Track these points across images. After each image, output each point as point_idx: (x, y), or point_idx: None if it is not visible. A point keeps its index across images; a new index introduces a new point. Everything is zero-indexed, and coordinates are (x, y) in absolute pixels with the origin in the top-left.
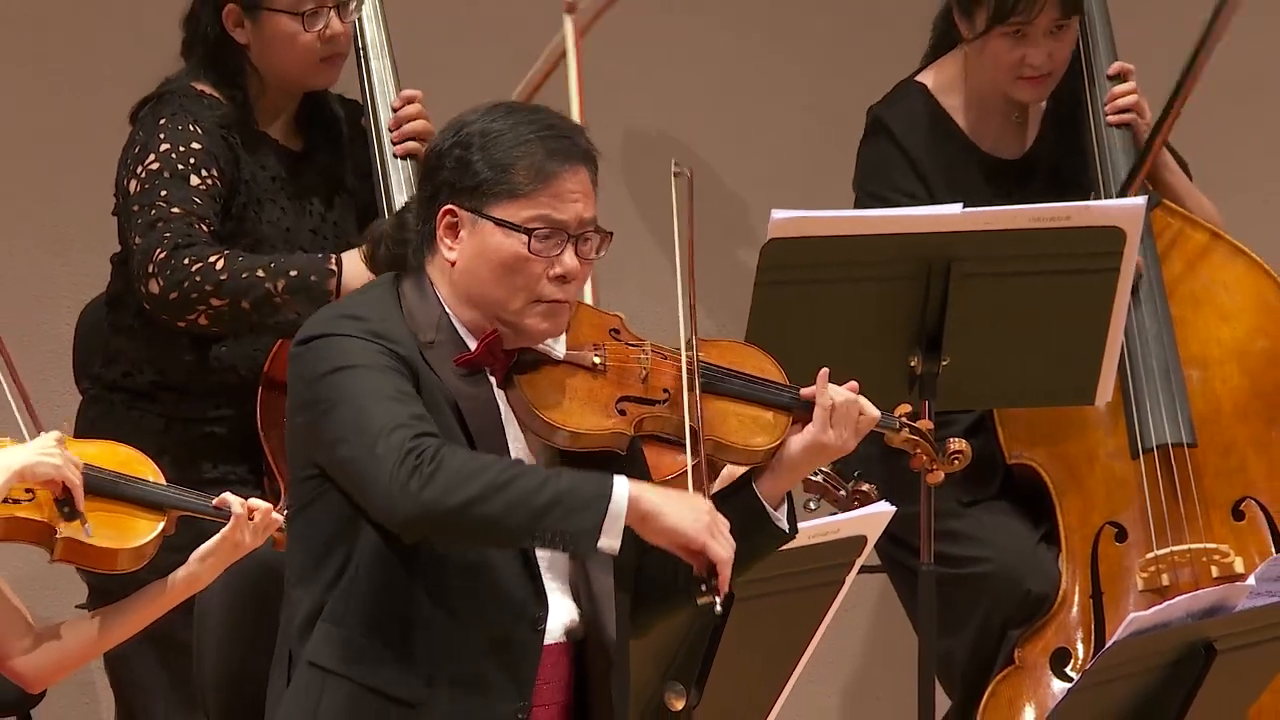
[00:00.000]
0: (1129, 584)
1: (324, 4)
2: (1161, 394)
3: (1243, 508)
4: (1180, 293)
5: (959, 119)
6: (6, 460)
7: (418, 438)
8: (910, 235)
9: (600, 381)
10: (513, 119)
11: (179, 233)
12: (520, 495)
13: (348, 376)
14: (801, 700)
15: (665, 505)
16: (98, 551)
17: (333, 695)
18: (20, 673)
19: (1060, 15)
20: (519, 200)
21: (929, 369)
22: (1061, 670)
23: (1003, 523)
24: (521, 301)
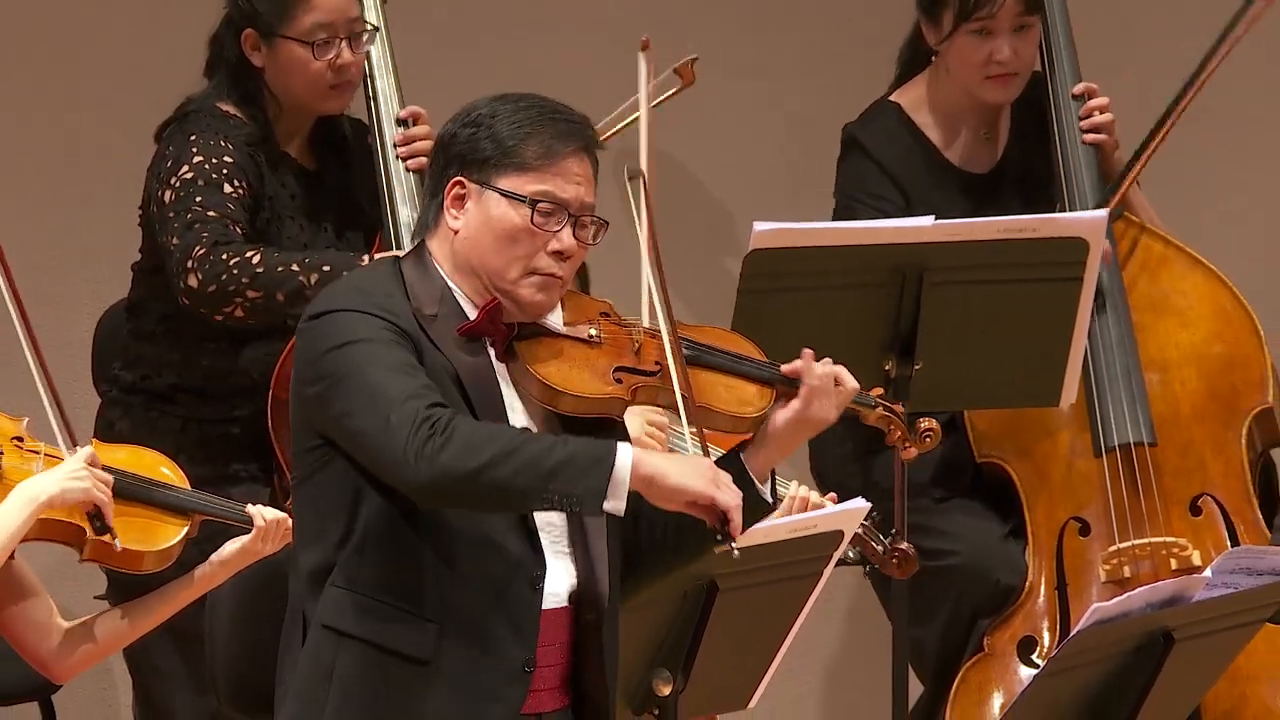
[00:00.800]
0: (1092, 576)
1: (335, 35)
2: (1123, 396)
3: (1200, 504)
4: (1140, 300)
5: (931, 135)
6: (35, 490)
7: (430, 407)
8: (884, 246)
9: (597, 352)
10: (524, 102)
11: (216, 232)
12: (529, 459)
13: (356, 350)
14: (783, 685)
15: (668, 466)
16: (125, 554)
17: (347, 656)
18: (49, 666)
19: (1023, 11)
20: (526, 174)
21: (903, 373)
22: (1028, 657)
23: (973, 518)
24: (518, 271)
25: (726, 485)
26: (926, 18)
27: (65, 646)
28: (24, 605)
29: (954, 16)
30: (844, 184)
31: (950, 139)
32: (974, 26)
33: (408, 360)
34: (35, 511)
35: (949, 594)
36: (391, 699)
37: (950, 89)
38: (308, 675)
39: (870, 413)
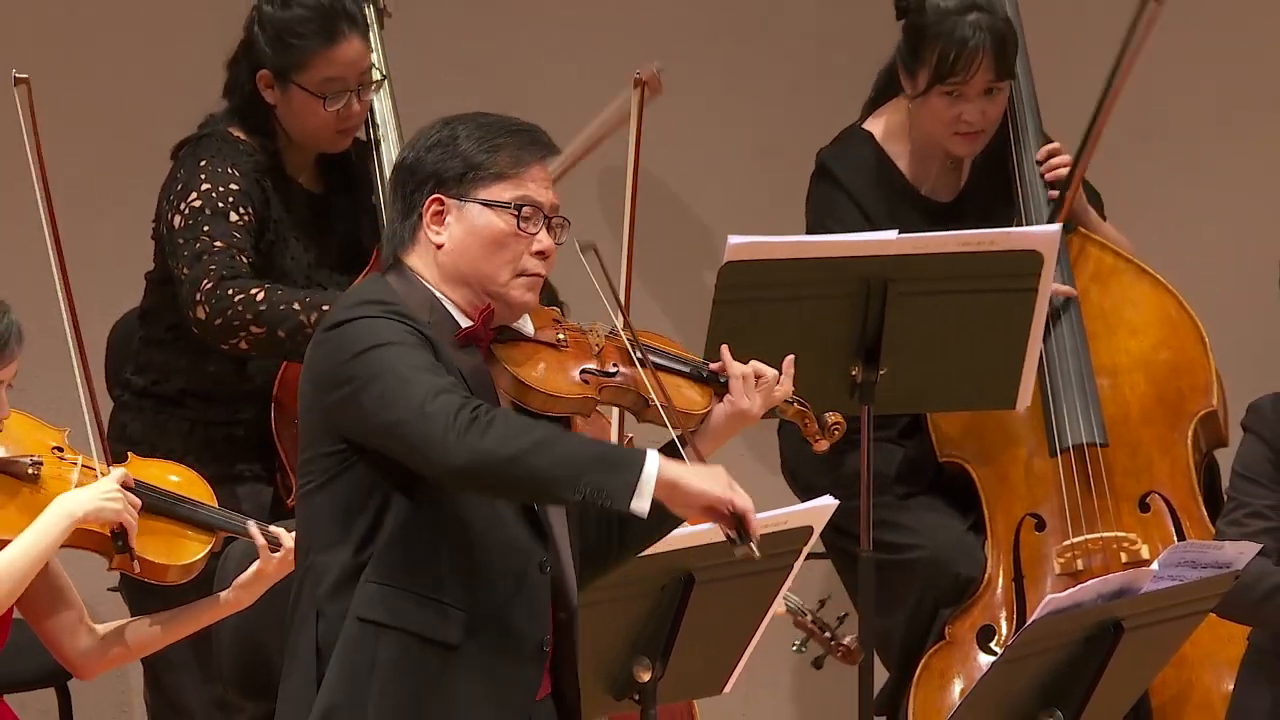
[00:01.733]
0: (1047, 568)
1: (346, 88)
2: (1076, 399)
3: (1148, 501)
4: (1092, 309)
5: (900, 164)
6: (70, 506)
7: (466, 397)
8: (851, 259)
9: (564, 355)
10: (480, 120)
11: (223, 265)
12: (567, 452)
13: (384, 352)
14: (756, 671)
15: (689, 474)
16: (151, 566)
17: (386, 645)
18: (77, 665)
19: (994, 78)
20: (504, 182)
21: (868, 378)
22: (987, 645)
23: (935, 514)
24: (508, 274)
25: (740, 491)
26: (905, 71)
27: (96, 649)
28: (58, 608)
29: (929, 78)
30: (815, 210)
31: (917, 168)
32: (947, 89)
33: (432, 360)
34: (70, 526)
35: (912, 586)
36: (428, 683)
37: (920, 128)
38: (348, 665)
39: (788, 408)
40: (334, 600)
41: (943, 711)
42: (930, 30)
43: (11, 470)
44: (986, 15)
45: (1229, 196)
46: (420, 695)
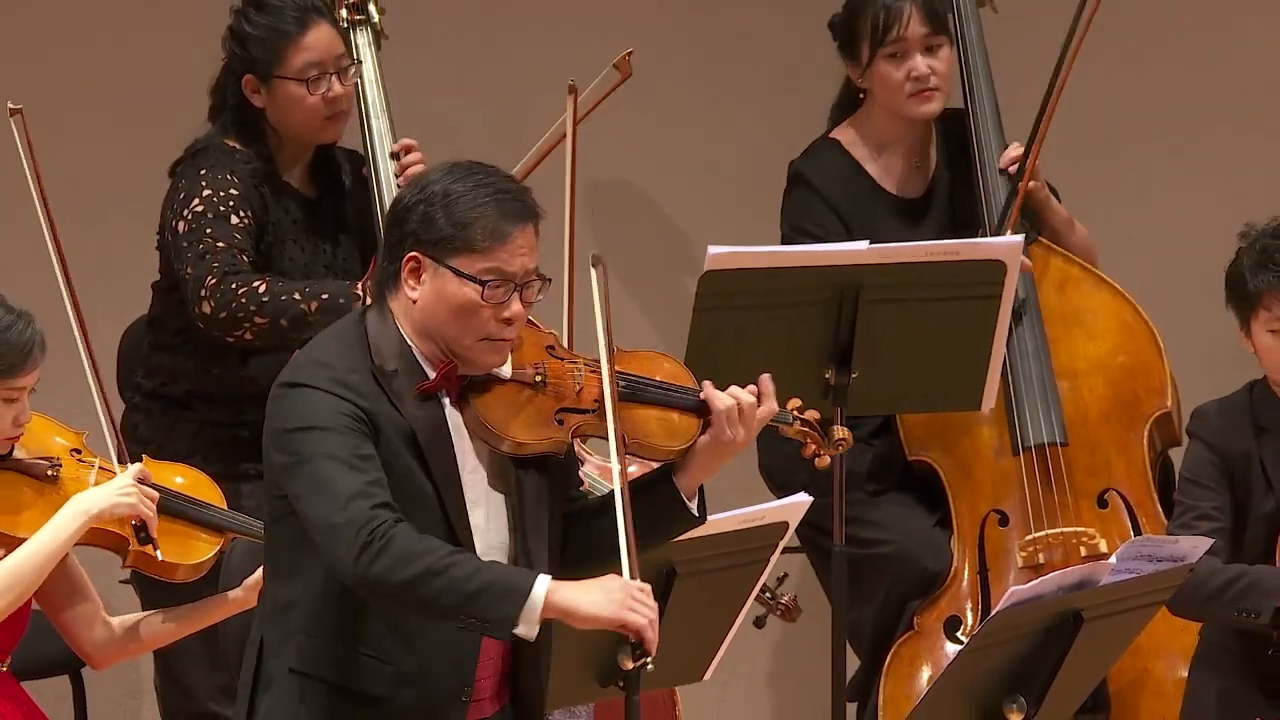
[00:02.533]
0: (1010, 562)
1: (325, 71)
2: (1038, 401)
3: (1106, 497)
4: (1053, 315)
5: (868, 167)
6: (86, 504)
7: (375, 508)
8: (825, 268)
9: (542, 396)
10: (471, 181)
11: (226, 262)
12: (452, 582)
13: (315, 437)
14: (734, 659)
15: (580, 597)
16: (162, 564)
17: (312, 697)
18: (91, 655)
19: (929, 32)
20: (475, 254)
21: (841, 381)
22: (953, 635)
23: (903, 510)
24: (472, 339)
25: (639, 603)
26: (847, 56)
27: (111, 641)
28: (75, 601)
29: (869, 46)
30: (790, 214)
31: (884, 169)
32: (888, 51)
33: (360, 450)
34: (86, 523)
35: (882, 579)
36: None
37: (881, 122)
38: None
39: (788, 428)
40: (273, 626)
41: (911, 698)
42: (857, 5)
43: (32, 472)
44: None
45: (1182, 209)
46: None
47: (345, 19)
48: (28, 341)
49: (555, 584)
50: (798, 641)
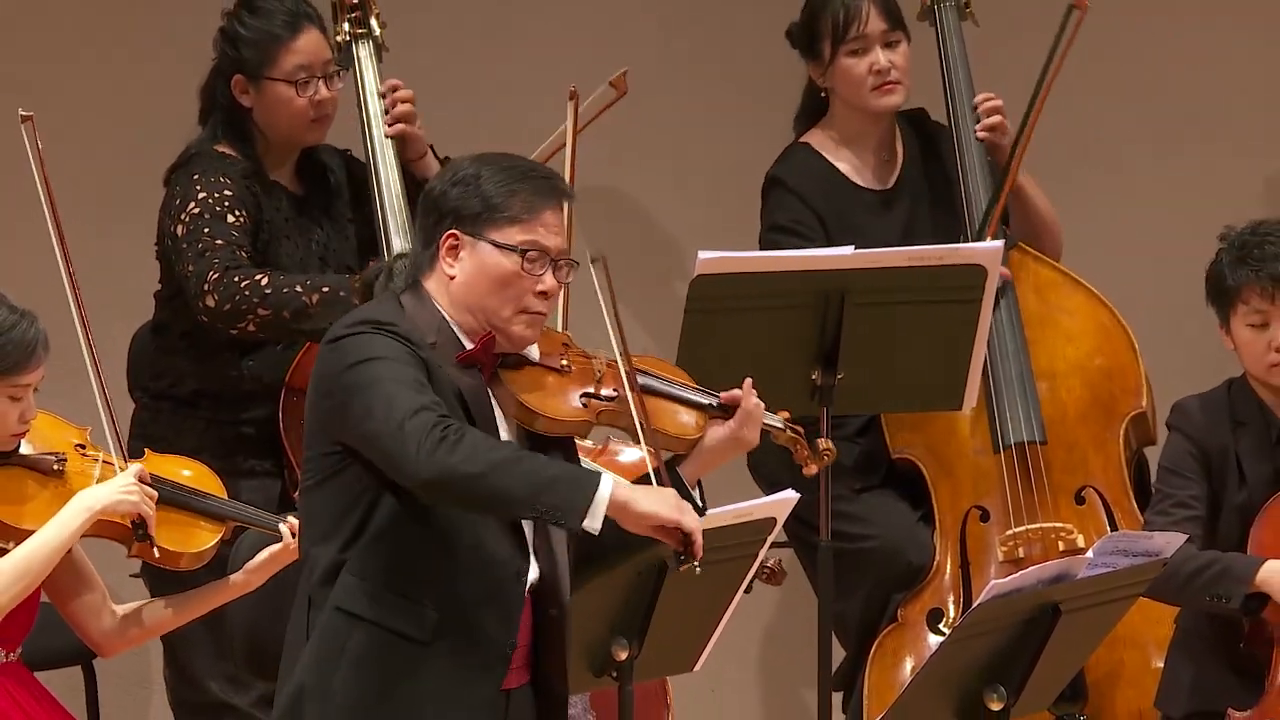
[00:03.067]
0: (991, 556)
1: (313, 75)
2: (1018, 401)
3: (1084, 494)
4: (1032, 318)
5: (839, 164)
6: (89, 500)
7: (441, 417)
8: (811, 272)
9: (567, 380)
10: (504, 162)
11: (226, 258)
12: (527, 472)
13: (375, 365)
14: (724, 650)
15: (641, 494)
16: (166, 553)
17: (358, 635)
18: (99, 643)
19: (888, 28)
20: (515, 226)
21: (827, 381)
22: (936, 627)
23: (888, 506)
24: (511, 310)
25: (689, 512)
26: (809, 57)
27: (116, 629)
28: (81, 591)
29: (831, 43)
30: (767, 215)
31: (854, 164)
32: (850, 47)
33: (419, 378)
34: (90, 519)
35: (868, 572)
36: (394, 675)
37: (847, 120)
38: (321, 650)
39: (781, 434)
40: (323, 589)
41: (895, 688)
42: (816, 7)
43: (38, 466)
44: None
45: (1158, 216)
46: (386, 685)
47: (348, 32)
48: (32, 340)
49: (620, 481)
50: (785, 633)
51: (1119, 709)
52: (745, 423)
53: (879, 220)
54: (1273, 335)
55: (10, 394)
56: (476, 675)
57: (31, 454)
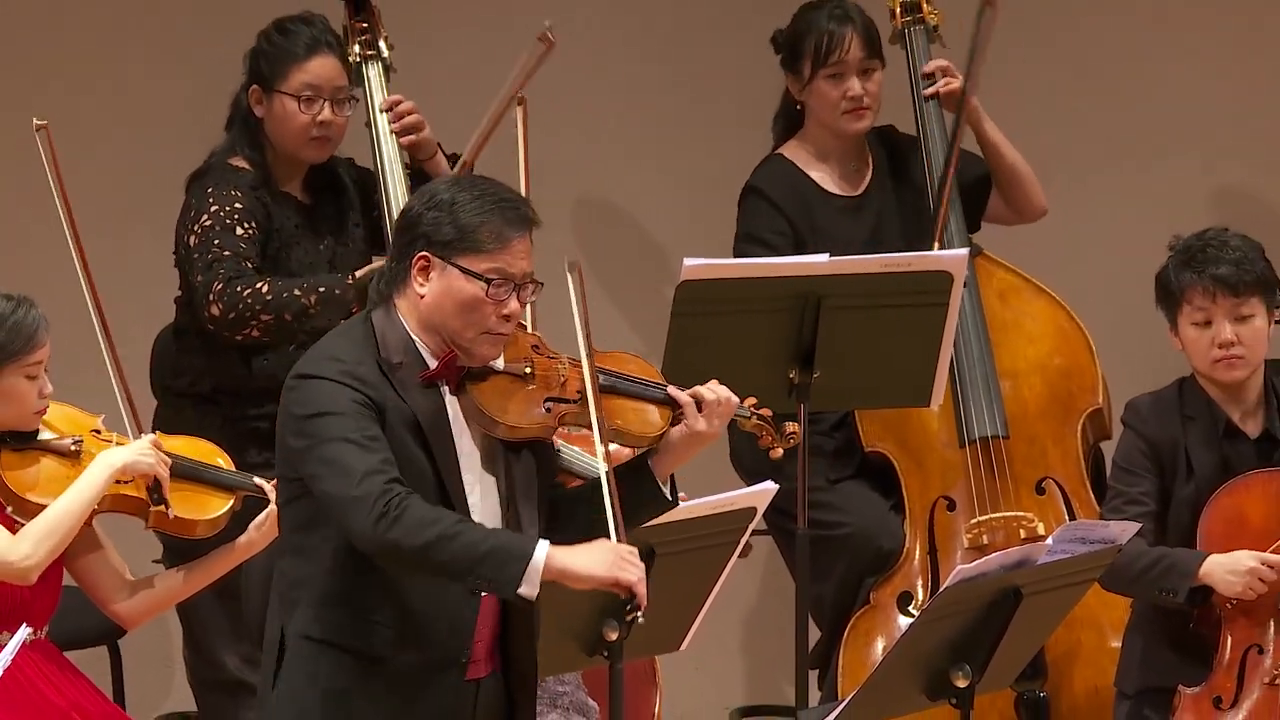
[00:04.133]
0: (957, 543)
1: (320, 95)
2: (982, 398)
3: (1044, 485)
4: (995, 321)
5: (812, 174)
6: (111, 459)
7: (388, 483)
8: (790, 278)
9: (531, 386)
10: (476, 190)
11: (231, 269)
12: (463, 547)
13: (329, 421)
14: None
15: (576, 559)
16: (181, 523)
17: (325, 659)
18: (120, 616)
19: (866, 56)
20: (483, 255)
21: (804, 380)
22: (905, 609)
23: (861, 496)
24: (474, 332)
25: (629, 563)
26: (790, 72)
27: (133, 599)
28: (100, 563)
29: (811, 65)
30: (742, 223)
31: (825, 174)
32: (829, 72)
33: (369, 432)
34: (111, 476)
35: (842, 557)
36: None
37: (819, 134)
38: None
39: (746, 422)
40: (286, 600)
41: (867, 666)
42: (803, 27)
43: (57, 449)
44: (842, 6)
45: (1112, 226)
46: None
47: (359, 54)
48: (33, 322)
49: (554, 548)
50: (766, 614)
51: (1077, 686)
52: (711, 415)
53: (849, 224)
54: (1215, 333)
55: (26, 373)
56: (436, 680)
57: (51, 439)
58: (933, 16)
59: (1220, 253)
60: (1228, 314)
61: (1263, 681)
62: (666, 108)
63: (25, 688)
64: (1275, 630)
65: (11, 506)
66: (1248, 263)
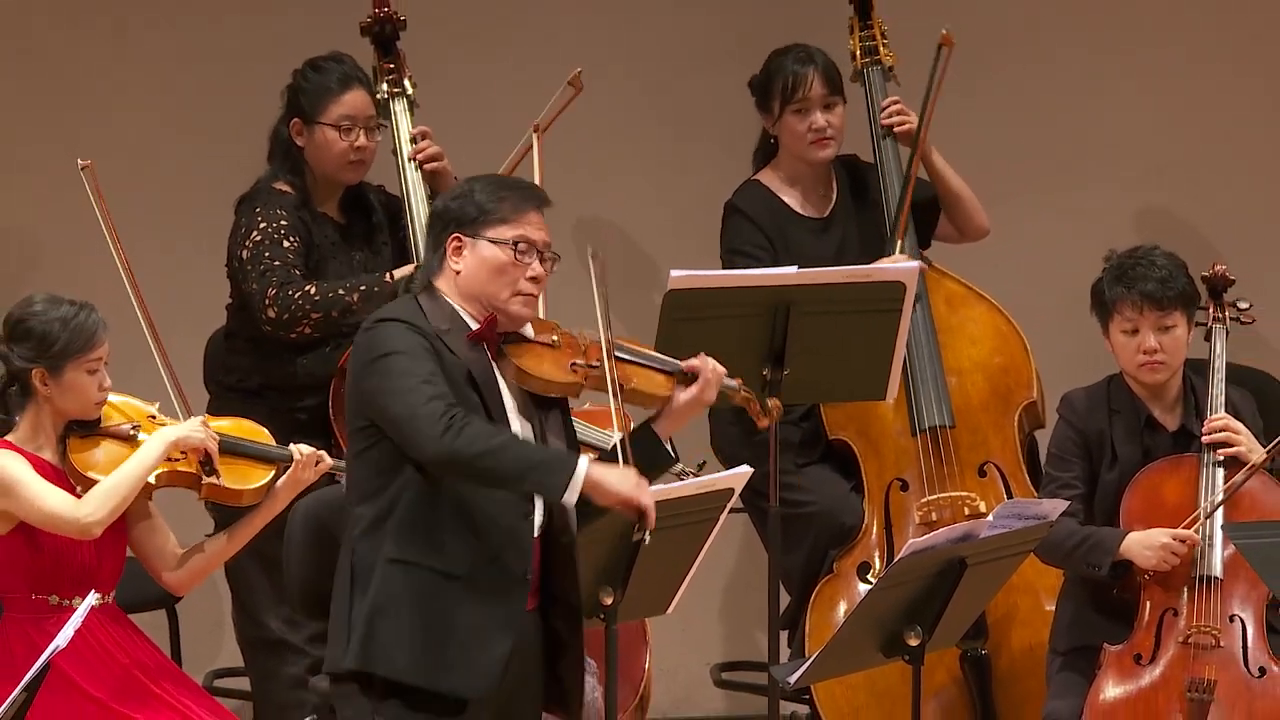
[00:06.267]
0: (909, 519)
1: (355, 125)
2: (931, 392)
3: (985, 469)
4: (943, 325)
5: (785, 198)
6: (167, 434)
7: (450, 406)
8: (763, 287)
9: (558, 352)
10: (490, 179)
11: (282, 276)
12: (517, 456)
13: (396, 360)
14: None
15: (609, 475)
16: (228, 492)
17: (407, 576)
18: (171, 584)
19: (828, 93)
20: (505, 225)
21: (776, 376)
22: (864, 577)
23: (825, 478)
24: (508, 293)
25: (646, 490)
26: (762, 110)
27: (181, 569)
28: (155, 535)
29: (780, 102)
30: (727, 239)
31: (797, 198)
32: (794, 108)
33: (432, 369)
34: (167, 448)
35: (808, 532)
36: (440, 601)
37: (791, 163)
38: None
39: (735, 395)
40: (364, 541)
41: (831, 627)
42: (772, 71)
43: (117, 434)
44: (805, 50)
45: (1049, 241)
46: (435, 611)
47: (386, 91)
48: (93, 325)
49: (593, 463)
50: (742, 582)
51: (1014, 644)
52: (706, 385)
53: (817, 242)
54: (1141, 341)
55: (88, 368)
56: (503, 599)
57: (112, 425)
58: (889, 58)
59: (1148, 270)
60: (1152, 326)
61: (1177, 640)
62: (656, 138)
63: (94, 646)
64: (1188, 596)
65: (81, 487)
66: (1172, 280)
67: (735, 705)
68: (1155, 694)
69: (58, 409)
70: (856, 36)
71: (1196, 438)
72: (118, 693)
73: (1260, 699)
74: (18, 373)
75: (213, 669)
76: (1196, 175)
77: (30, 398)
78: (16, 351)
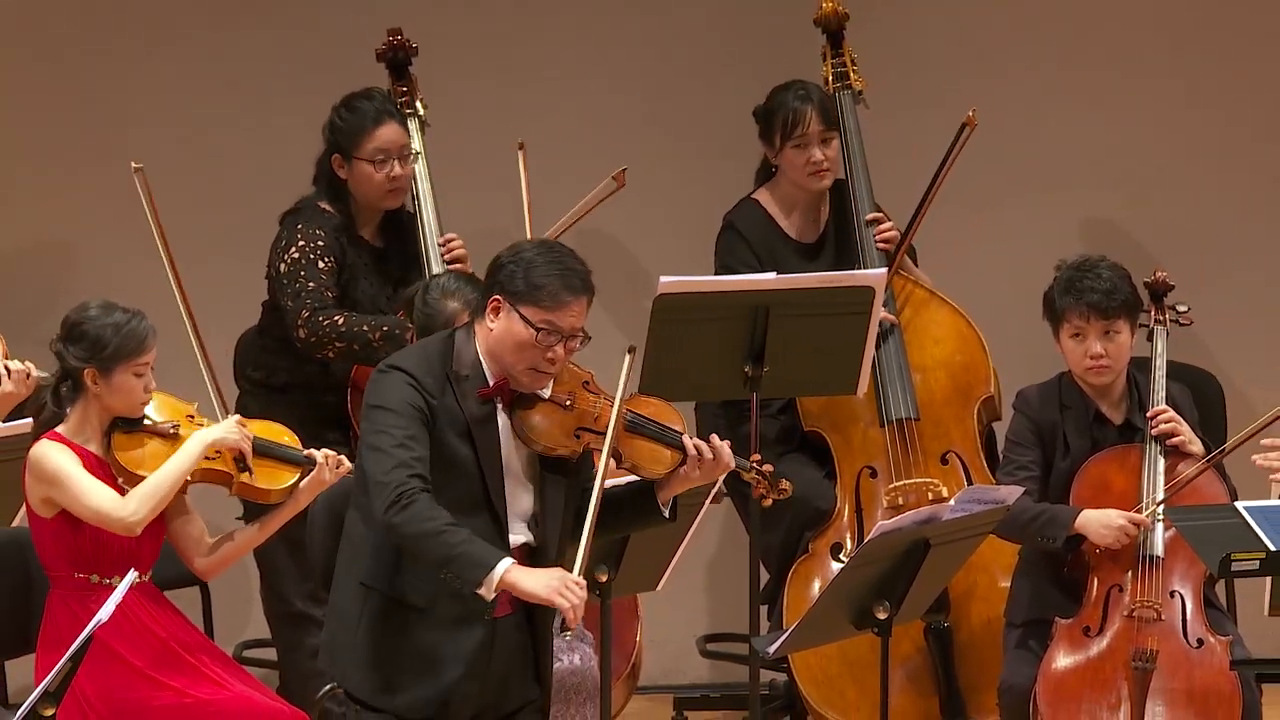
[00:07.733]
0: (878, 504)
1: (390, 157)
2: (898, 387)
3: (947, 457)
4: (908, 326)
5: (778, 220)
6: (205, 435)
7: (410, 477)
8: (745, 292)
9: (567, 415)
10: (550, 255)
11: (316, 299)
12: (442, 545)
13: (383, 416)
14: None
15: (525, 580)
16: (258, 490)
17: (371, 604)
18: (201, 569)
19: (825, 128)
20: (539, 309)
21: (756, 373)
22: (837, 556)
23: (801, 466)
24: (523, 366)
25: (569, 591)
26: (764, 140)
27: (210, 557)
28: (190, 526)
29: (780, 137)
30: (721, 253)
31: (790, 223)
32: (794, 142)
33: (412, 434)
34: (204, 449)
35: (786, 515)
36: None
37: (789, 189)
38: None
39: (746, 473)
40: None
41: (807, 602)
42: (773, 106)
43: (159, 432)
44: (804, 87)
45: (1004, 249)
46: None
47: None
48: (144, 331)
49: (513, 566)
50: (725, 561)
51: (974, 618)
52: (714, 468)
53: (804, 267)
54: (1087, 346)
55: (135, 371)
56: (464, 629)
57: (153, 422)
58: (858, 83)
59: (1095, 282)
60: (1098, 333)
61: (1122, 614)
62: (650, 150)
63: (133, 621)
64: (1133, 574)
65: (123, 479)
66: (1116, 291)
67: (719, 674)
68: (1103, 663)
69: (105, 406)
70: (829, 63)
71: (1140, 430)
72: (156, 663)
73: (1198, 668)
74: (71, 371)
75: (242, 640)
76: (1141, 189)
77: (80, 394)
78: (71, 351)
